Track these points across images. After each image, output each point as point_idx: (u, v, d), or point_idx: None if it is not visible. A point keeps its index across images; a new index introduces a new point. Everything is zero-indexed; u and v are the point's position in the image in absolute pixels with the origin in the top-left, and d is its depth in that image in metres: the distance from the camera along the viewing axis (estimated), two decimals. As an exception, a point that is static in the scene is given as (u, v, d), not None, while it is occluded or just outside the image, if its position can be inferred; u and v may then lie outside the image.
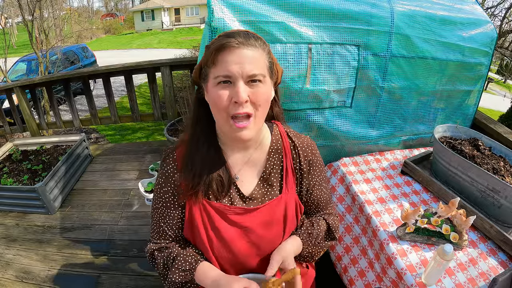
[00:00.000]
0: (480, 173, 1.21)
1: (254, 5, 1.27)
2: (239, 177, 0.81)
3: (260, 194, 0.81)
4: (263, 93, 0.71)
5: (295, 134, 0.87)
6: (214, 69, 0.69)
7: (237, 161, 0.81)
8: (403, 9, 1.45)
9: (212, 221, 0.78)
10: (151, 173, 2.05)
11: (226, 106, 0.68)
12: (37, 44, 6.48)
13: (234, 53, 0.67)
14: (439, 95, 1.67)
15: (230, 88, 0.68)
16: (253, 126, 0.71)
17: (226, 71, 0.67)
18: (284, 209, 0.82)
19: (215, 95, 0.69)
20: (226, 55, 0.67)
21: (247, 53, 0.67)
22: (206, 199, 0.78)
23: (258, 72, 0.68)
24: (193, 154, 0.78)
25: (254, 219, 0.79)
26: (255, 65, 0.68)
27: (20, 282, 1.91)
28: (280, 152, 0.83)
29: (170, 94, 3.25)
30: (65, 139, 3.19)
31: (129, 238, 2.19)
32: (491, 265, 1.07)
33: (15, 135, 4.51)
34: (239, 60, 0.67)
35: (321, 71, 1.39)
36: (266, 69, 0.72)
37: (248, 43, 0.68)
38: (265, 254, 0.82)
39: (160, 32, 28.55)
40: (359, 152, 1.65)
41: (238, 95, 0.66)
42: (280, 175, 0.83)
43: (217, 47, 0.67)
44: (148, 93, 6.98)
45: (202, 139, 0.78)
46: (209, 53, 0.69)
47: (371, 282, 1.21)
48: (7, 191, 2.48)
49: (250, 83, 0.68)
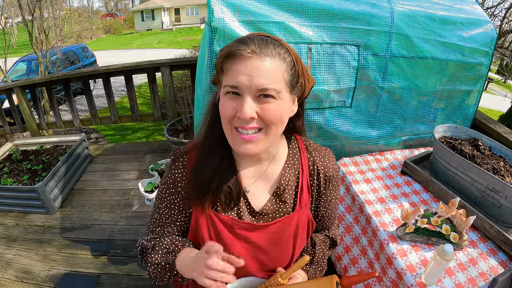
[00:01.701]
0: (480, 173, 1.21)
1: (254, 5, 1.27)
2: (249, 190, 0.75)
3: (272, 210, 0.76)
4: (275, 111, 0.62)
5: (315, 147, 0.80)
6: (224, 76, 0.63)
7: (250, 174, 0.76)
8: (403, 9, 1.45)
9: (219, 233, 0.74)
10: (151, 173, 2.04)
11: (230, 118, 0.62)
12: (37, 44, 6.48)
13: (244, 63, 0.59)
14: (439, 95, 1.67)
15: (237, 100, 0.61)
16: (262, 141, 0.64)
17: (234, 81, 0.60)
18: (295, 227, 0.77)
19: (222, 104, 0.64)
20: (235, 63, 0.60)
21: (260, 64, 0.59)
22: (213, 211, 0.74)
23: (270, 87, 0.59)
24: (204, 163, 0.72)
25: (262, 235, 0.75)
26: (268, 78, 0.59)
27: (20, 282, 1.91)
28: (296, 167, 0.77)
29: (170, 94, 3.25)
30: (65, 139, 3.19)
31: (129, 238, 2.19)
32: (491, 265, 1.07)
33: (15, 135, 4.51)
34: (249, 71, 0.58)
35: (321, 71, 1.39)
36: (283, 83, 0.62)
37: (264, 52, 0.59)
38: (271, 271, 0.80)
39: (160, 32, 28.55)
40: (359, 152, 1.65)
41: (241, 110, 0.59)
42: (294, 192, 0.76)
43: (226, 53, 0.60)
44: (148, 93, 6.98)
45: (216, 148, 0.72)
46: (219, 58, 0.63)
47: (370, 282, 1.21)
48: (7, 191, 2.48)
49: (260, 98, 0.60)
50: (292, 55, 0.64)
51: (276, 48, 0.61)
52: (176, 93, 3.59)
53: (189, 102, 3.16)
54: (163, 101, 3.43)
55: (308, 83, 0.70)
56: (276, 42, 0.62)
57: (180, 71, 6.04)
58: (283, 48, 0.63)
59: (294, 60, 0.64)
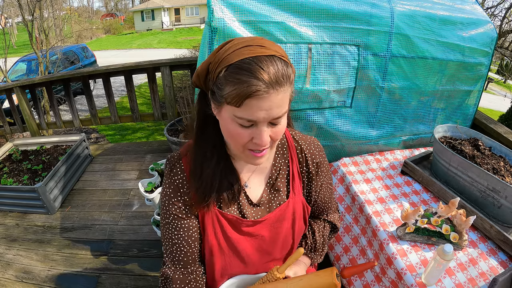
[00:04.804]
0: (480, 173, 1.21)
1: (254, 5, 1.27)
2: (248, 185, 0.80)
3: (268, 200, 0.81)
4: (283, 126, 0.65)
5: (301, 136, 0.85)
6: (237, 109, 0.59)
7: (246, 169, 0.79)
8: (403, 9, 1.45)
9: (225, 231, 0.77)
10: (151, 173, 2.04)
11: (245, 142, 0.64)
12: (37, 44, 6.49)
13: (263, 100, 0.57)
14: (439, 95, 1.67)
15: (251, 129, 0.62)
16: (269, 152, 0.71)
17: (252, 117, 0.58)
18: (292, 213, 0.82)
19: (233, 130, 0.63)
20: (254, 101, 0.57)
21: (276, 98, 0.58)
22: (218, 209, 0.77)
23: (283, 112, 0.61)
24: (202, 165, 0.73)
25: (264, 227, 0.80)
26: (282, 107, 0.60)
27: (20, 282, 1.91)
28: (286, 157, 0.82)
29: (170, 94, 3.25)
30: (65, 139, 3.18)
31: (129, 238, 2.19)
32: (491, 265, 1.07)
33: (15, 135, 4.51)
34: (267, 106, 0.58)
35: (321, 71, 1.39)
36: (289, 101, 0.63)
37: (278, 83, 0.57)
38: (276, 260, 0.85)
39: (160, 32, 28.55)
40: (359, 152, 1.65)
41: (261, 140, 0.62)
42: (286, 180, 0.82)
43: (245, 94, 0.56)
44: (148, 93, 6.98)
45: (210, 152, 0.73)
46: (232, 94, 0.57)
47: (369, 283, 1.21)
48: (7, 191, 2.48)
49: (272, 122, 0.62)
50: (293, 73, 0.63)
51: (285, 71, 0.58)
52: (176, 93, 3.59)
53: (189, 102, 3.16)
54: (163, 101, 3.43)
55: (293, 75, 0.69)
56: (282, 61, 0.58)
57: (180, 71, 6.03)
58: (286, 64, 0.60)
59: (292, 70, 0.62)
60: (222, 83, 0.59)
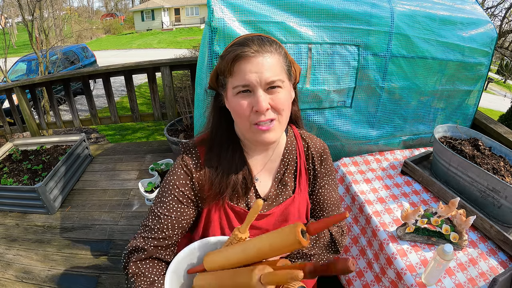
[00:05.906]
0: (480, 173, 1.21)
1: (254, 5, 1.27)
2: (258, 178, 0.82)
3: (275, 195, 0.83)
4: (284, 98, 0.70)
5: (308, 136, 0.89)
6: (232, 79, 0.69)
7: (258, 163, 0.82)
8: (403, 9, 1.45)
9: (231, 223, 0.79)
10: (151, 173, 2.05)
11: (248, 115, 0.68)
12: (37, 44, 6.49)
13: (251, 62, 0.66)
14: (439, 95, 1.67)
15: (250, 97, 0.68)
16: (277, 128, 0.71)
17: (244, 80, 0.66)
18: (297, 208, 0.84)
19: (235, 104, 0.69)
20: (243, 64, 0.66)
21: (264, 61, 0.66)
22: (229, 202, 0.79)
23: (276, 78, 0.67)
24: (220, 155, 0.77)
25: (269, 220, 0.82)
26: (273, 71, 0.67)
27: (20, 282, 1.92)
28: (294, 153, 0.85)
29: (170, 94, 3.26)
30: (65, 139, 3.19)
31: (129, 238, 2.19)
32: (491, 265, 1.07)
33: (15, 135, 4.51)
34: (257, 68, 0.66)
35: (321, 71, 1.39)
36: (284, 73, 0.70)
37: (264, 49, 0.67)
38: None
39: (160, 32, 28.55)
40: (359, 152, 1.65)
41: (258, 104, 0.66)
42: (294, 175, 0.84)
43: (233, 57, 0.66)
44: (148, 93, 6.98)
45: (226, 145, 0.78)
46: (225, 63, 0.68)
47: (369, 283, 1.21)
48: (7, 191, 2.48)
49: (269, 90, 0.68)
50: (282, 49, 0.72)
51: (271, 44, 0.69)
52: (176, 93, 3.60)
53: (189, 102, 3.16)
54: (163, 101, 3.43)
55: (297, 70, 0.78)
56: (269, 39, 0.70)
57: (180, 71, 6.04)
58: (276, 43, 0.71)
59: (285, 51, 0.73)
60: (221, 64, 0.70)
